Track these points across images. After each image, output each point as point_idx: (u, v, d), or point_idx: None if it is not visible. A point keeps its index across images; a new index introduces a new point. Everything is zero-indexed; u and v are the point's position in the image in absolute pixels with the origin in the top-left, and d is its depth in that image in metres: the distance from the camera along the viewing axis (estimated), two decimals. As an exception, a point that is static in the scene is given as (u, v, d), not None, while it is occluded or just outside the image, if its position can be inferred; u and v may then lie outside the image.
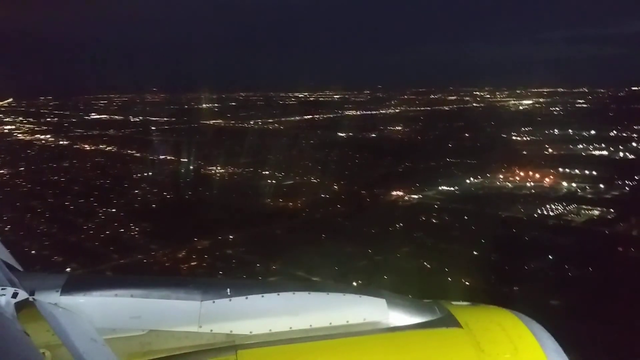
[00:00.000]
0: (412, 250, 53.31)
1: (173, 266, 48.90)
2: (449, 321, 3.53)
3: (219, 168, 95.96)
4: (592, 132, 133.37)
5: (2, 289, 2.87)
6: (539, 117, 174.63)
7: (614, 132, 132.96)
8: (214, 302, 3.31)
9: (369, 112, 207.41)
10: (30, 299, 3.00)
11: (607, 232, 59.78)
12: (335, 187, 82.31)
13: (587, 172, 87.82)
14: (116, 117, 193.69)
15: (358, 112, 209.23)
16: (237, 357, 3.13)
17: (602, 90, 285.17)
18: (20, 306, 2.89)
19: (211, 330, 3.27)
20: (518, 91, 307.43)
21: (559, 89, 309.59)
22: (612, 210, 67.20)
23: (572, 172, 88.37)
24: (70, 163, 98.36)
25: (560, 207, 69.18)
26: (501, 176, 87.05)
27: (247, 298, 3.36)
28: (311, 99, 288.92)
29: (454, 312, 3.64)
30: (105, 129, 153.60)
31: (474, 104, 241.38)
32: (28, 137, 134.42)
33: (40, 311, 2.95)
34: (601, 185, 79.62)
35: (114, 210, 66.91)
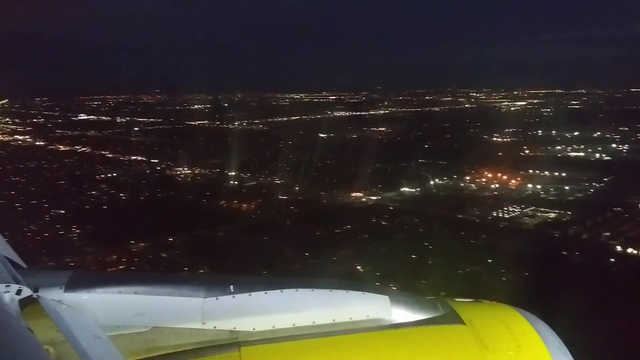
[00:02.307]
0: (350, 253, 52.00)
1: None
2: (452, 318, 3.54)
3: (185, 169, 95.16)
4: (576, 133, 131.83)
5: (6, 285, 2.87)
6: (527, 119, 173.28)
7: (598, 133, 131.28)
8: (217, 298, 3.33)
9: (359, 113, 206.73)
10: (34, 295, 3.01)
11: (556, 234, 58.41)
12: (297, 188, 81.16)
13: (556, 173, 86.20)
14: (104, 118, 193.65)
15: (348, 113, 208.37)
16: (241, 354, 3.17)
17: (600, 92, 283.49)
18: (25, 303, 2.89)
19: (214, 327, 3.28)
20: (515, 92, 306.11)
21: (556, 90, 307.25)
22: (569, 212, 65.72)
23: (541, 174, 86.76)
24: (38, 164, 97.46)
25: (517, 210, 67.73)
26: (468, 177, 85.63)
27: (250, 295, 3.38)
28: (305, 100, 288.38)
29: (457, 309, 3.64)
30: (87, 129, 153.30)
31: (466, 105, 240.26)
32: (6, 138, 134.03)
33: (44, 308, 2.96)
34: (566, 187, 78.05)
35: (62, 211, 65.96)
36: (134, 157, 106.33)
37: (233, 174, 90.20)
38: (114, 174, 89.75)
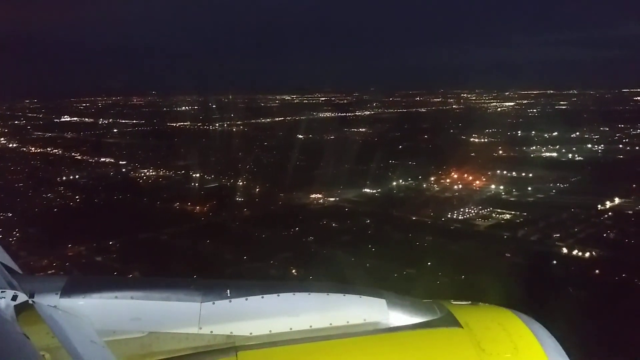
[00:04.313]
0: (290, 256, 50.99)
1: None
2: (449, 321, 3.54)
3: (150, 171, 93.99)
4: (554, 133, 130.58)
5: (1, 291, 2.88)
6: (510, 119, 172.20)
7: (577, 133, 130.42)
8: (213, 303, 3.31)
9: (344, 114, 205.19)
10: (30, 301, 3.01)
11: (505, 236, 57.15)
12: (258, 189, 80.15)
13: (523, 174, 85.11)
14: (86, 119, 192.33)
15: (333, 114, 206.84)
16: (238, 359, 3.15)
17: (590, 92, 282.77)
18: (20, 309, 2.90)
19: (211, 332, 3.26)
20: (507, 93, 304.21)
21: (548, 91, 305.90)
22: (525, 213, 64.51)
23: (508, 174, 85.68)
24: (2, 165, 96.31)
25: (473, 211, 66.53)
26: (433, 178, 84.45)
27: (247, 299, 3.36)
28: (295, 101, 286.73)
29: (454, 311, 3.64)
30: (66, 131, 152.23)
31: (454, 106, 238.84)
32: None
33: (39, 314, 2.95)
34: (529, 188, 76.81)
35: (9, 214, 64.78)
36: (103, 159, 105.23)
37: (197, 175, 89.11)
38: (77, 176, 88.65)
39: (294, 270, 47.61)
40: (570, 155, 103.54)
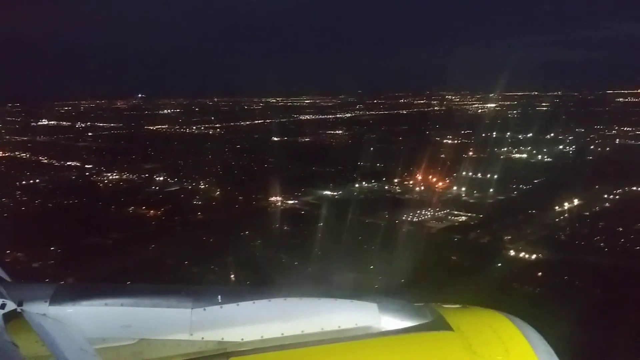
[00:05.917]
0: (234, 260, 49.65)
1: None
2: (440, 324, 3.53)
3: (114, 174, 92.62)
4: (529, 135, 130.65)
5: None
6: (489, 120, 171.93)
7: (551, 134, 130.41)
8: (205, 309, 3.29)
9: (324, 117, 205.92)
10: (19, 309, 3.00)
11: (456, 239, 56.36)
12: (218, 192, 79.06)
13: (488, 175, 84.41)
14: (64, 123, 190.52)
15: (313, 117, 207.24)
16: None
17: (574, 94, 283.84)
18: (9, 317, 2.89)
19: (202, 338, 3.24)
20: (491, 95, 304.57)
21: (533, 93, 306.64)
22: (481, 215, 63.84)
23: (473, 176, 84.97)
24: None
25: (429, 213, 65.73)
26: (397, 180, 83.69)
27: (238, 305, 3.34)
28: (280, 104, 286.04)
29: (445, 315, 3.63)
30: (39, 135, 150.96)
31: (436, 108, 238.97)
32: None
33: (28, 322, 2.94)
34: (491, 190, 76.20)
35: (-45, 219, 63.29)
36: (69, 163, 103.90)
37: (160, 179, 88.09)
38: (37, 180, 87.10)
39: (232, 275, 46.69)
40: (539, 157, 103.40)
